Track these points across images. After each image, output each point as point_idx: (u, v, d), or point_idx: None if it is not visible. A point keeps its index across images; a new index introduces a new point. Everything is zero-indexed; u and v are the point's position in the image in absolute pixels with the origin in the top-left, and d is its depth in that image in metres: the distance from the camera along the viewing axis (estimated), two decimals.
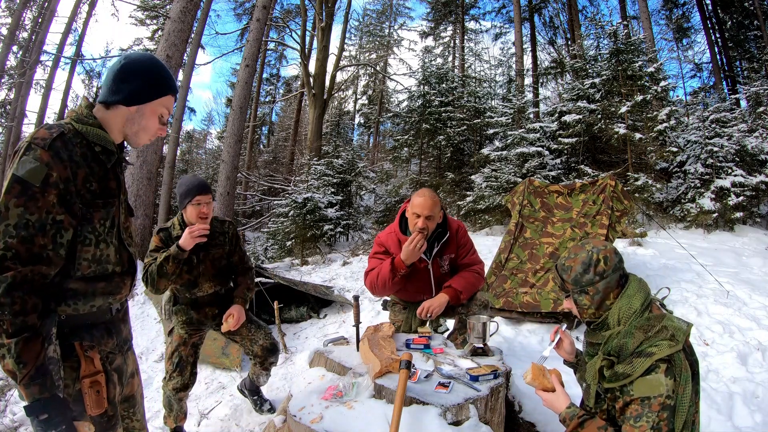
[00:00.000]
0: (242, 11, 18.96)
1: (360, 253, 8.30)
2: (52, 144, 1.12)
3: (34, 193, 1.08)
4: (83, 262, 1.20)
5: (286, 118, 25.13)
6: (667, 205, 7.24)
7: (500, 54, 20.97)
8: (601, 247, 1.47)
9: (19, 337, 1.03)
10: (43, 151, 1.10)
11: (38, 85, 14.37)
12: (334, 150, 11.80)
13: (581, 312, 1.51)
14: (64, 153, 1.13)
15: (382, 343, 1.94)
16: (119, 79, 1.25)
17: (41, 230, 1.08)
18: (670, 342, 1.29)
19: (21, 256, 1.06)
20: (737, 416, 2.32)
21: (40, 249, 1.08)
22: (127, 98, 1.25)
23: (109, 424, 1.26)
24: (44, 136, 1.13)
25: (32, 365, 1.04)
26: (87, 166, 1.18)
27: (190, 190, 2.35)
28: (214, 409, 3.06)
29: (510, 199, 4.67)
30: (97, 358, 1.24)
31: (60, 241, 1.13)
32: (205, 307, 2.51)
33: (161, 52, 7.06)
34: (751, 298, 3.80)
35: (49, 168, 1.10)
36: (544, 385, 1.54)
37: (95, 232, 1.22)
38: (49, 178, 1.10)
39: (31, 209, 1.07)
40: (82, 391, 1.19)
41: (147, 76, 1.27)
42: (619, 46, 8.00)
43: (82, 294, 1.21)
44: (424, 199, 2.33)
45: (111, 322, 1.33)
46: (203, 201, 2.36)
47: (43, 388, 1.05)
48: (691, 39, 16.33)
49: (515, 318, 3.73)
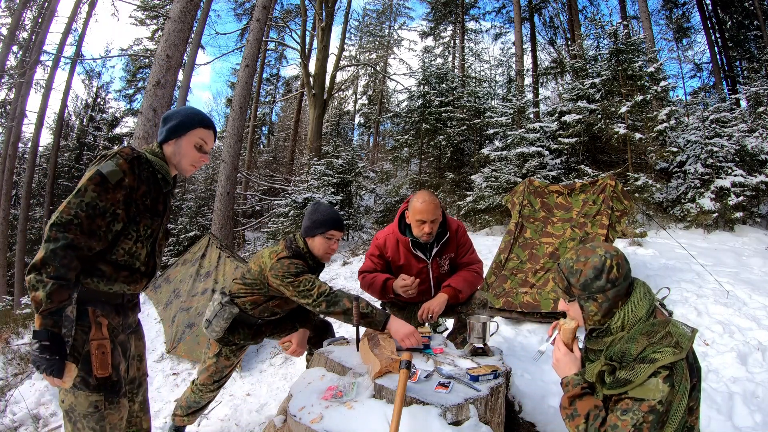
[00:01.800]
0: (242, 11, 18.97)
1: (360, 253, 8.30)
2: (131, 159, 1.51)
3: (107, 187, 1.44)
4: (120, 250, 1.52)
5: (286, 118, 25.13)
6: (667, 205, 7.24)
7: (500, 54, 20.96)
8: (613, 253, 1.41)
9: (57, 281, 1.31)
10: (124, 162, 1.48)
11: (38, 85, 14.39)
12: (334, 150, 11.80)
13: (586, 319, 1.45)
14: (137, 169, 1.52)
15: (382, 343, 1.93)
16: (163, 124, 1.67)
17: (102, 214, 1.43)
18: (674, 349, 1.26)
19: (83, 226, 1.38)
20: (737, 416, 2.32)
21: (97, 228, 1.42)
22: (166, 136, 1.64)
23: (113, 389, 1.48)
24: (128, 152, 1.51)
25: (56, 304, 1.31)
26: (148, 186, 1.56)
27: (326, 221, 2.19)
28: (214, 409, 3.06)
29: (510, 199, 4.67)
30: (105, 325, 1.49)
31: (112, 228, 1.48)
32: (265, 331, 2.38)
33: (161, 52, 7.05)
34: (751, 298, 3.79)
35: (124, 174, 1.47)
36: (568, 338, 1.52)
37: (138, 232, 1.56)
38: (122, 181, 1.47)
39: (102, 197, 1.43)
40: (91, 352, 1.43)
41: (179, 117, 1.65)
42: (619, 46, 8.00)
43: (107, 276, 1.50)
44: (426, 204, 2.29)
45: (121, 305, 1.59)
46: (336, 236, 2.23)
47: (56, 323, 1.32)
48: (691, 39, 16.34)
49: (515, 318, 3.73)
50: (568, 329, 1.53)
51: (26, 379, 3.96)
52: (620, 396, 1.29)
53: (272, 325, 2.43)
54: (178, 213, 13.65)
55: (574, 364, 1.49)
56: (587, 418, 1.33)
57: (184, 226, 12.06)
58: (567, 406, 1.40)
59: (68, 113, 17.35)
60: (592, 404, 1.35)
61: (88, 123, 18.16)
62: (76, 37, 15.03)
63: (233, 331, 2.27)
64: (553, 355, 1.56)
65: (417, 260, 2.47)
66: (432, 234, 2.34)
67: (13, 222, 13.90)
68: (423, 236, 2.35)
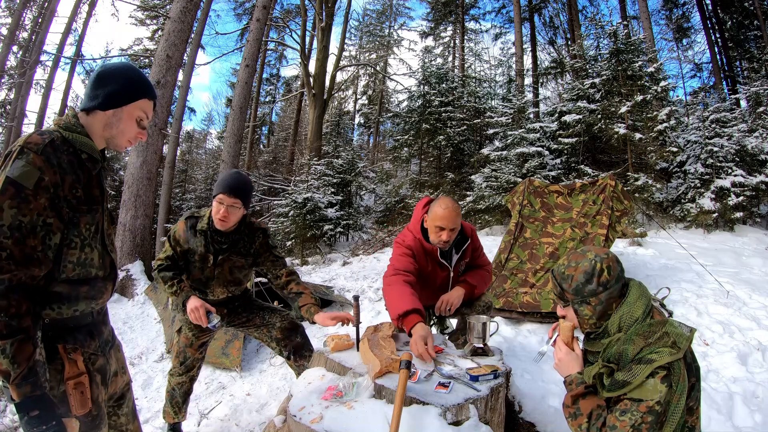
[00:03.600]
0: (242, 11, 18.98)
1: (360, 253, 8.30)
2: (44, 149, 1.15)
3: (27, 196, 1.10)
4: (68, 265, 1.22)
5: (286, 118, 25.13)
6: (667, 205, 7.24)
7: (500, 54, 20.99)
8: (603, 256, 1.42)
9: (14, 339, 1.05)
10: (36, 156, 1.13)
11: (38, 85, 14.39)
12: (334, 150, 11.81)
13: (582, 322, 1.47)
14: (54, 159, 1.16)
15: (382, 343, 1.93)
16: (96, 86, 1.29)
17: (32, 232, 1.11)
18: (671, 349, 1.26)
19: (15, 256, 1.08)
20: (737, 416, 2.32)
21: (31, 250, 1.11)
22: (103, 103, 1.28)
23: (93, 423, 1.29)
24: (37, 141, 1.16)
25: (25, 365, 1.07)
26: (73, 173, 1.21)
27: (218, 184, 2.16)
28: (214, 409, 3.06)
29: (510, 199, 4.68)
30: (80, 359, 1.26)
31: (49, 243, 1.16)
32: (215, 307, 2.31)
33: (161, 52, 7.05)
34: (751, 298, 3.79)
35: (41, 172, 1.13)
36: (568, 337, 1.52)
37: (81, 236, 1.25)
38: (41, 182, 1.13)
39: (23, 211, 1.10)
40: (67, 392, 1.22)
41: (122, 81, 1.30)
42: (619, 46, 8.00)
43: (66, 298, 1.23)
44: (448, 212, 2.21)
45: (93, 324, 1.36)
46: (225, 202, 2.11)
47: (35, 386, 1.08)
48: (691, 39, 16.35)
49: (515, 318, 3.73)
50: (567, 327, 1.53)
51: None
52: (619, 397, 1.30)
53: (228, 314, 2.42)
54: (178, 213, 13.65)
55: (576, 362, 1.49)
56: (590, 417, 1.33)
57: None
58: (570, 405, 1.40)
59: None
60: (594, 404, 1.35)
61: None
62: (76, 37, 15.08)
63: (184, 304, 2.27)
64: (555, 355, 1.56)
65: (441, 268, 2.44)
66: (449, 242, 2.28)
67: None
68: (440, 243, 2.28)
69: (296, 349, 2.37)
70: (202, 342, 2.44)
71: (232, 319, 2.43)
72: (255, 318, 2.42)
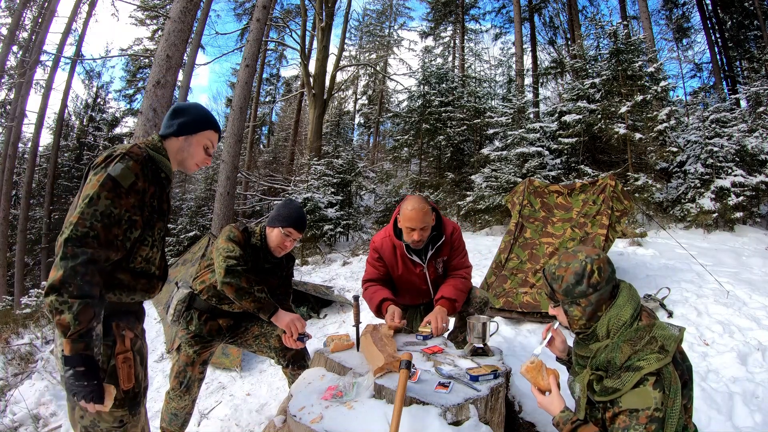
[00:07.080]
0: (242, 11, 18.99)
1: (360, 253, 8.30)
2: (142, 160, 1.42)
3: (121, 193, 1.35)
4: (138, 258, 1.46)
5: (286, 118, 25.14)
6: (667, 205, 7.24)
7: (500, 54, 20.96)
8: (594, 257, 1.41)
9: (82, 300, 1.23)
10: (135, 163, 1.39)
11: (38, 85, 14.40)
12: (334, 150, 11.81)
13: (571, 323, 1.47)
14: (147, 170, 1.43)
15: (385, 340, 1.94)
16: (172, 117, 1.60)
17: (118, 223, 1.35)
18: (659, 355, 1.26)
19: (100, 238, 1.30)
20: (737, 416, 2.32)
21: (114, 237, 1.34)
22: (177, 130, 1.58)
23: (134, 402, 1.45)
24: (137, 152, 1.42)
25: (85, 325, 1.23)
26: (156, 186, 1.48)
27: (287, 218, 2.25)
28: (214, 409, 3.06)
29: (510, 199, 4.68)
30: (129, 338, 1.46)
31: (129, 236, 1.40)
32: (220, 318, 2.32)
33: (161, 52, 7.05)
34: (751, 298, 3.79)
35: (136, 177, 1.39)
36: (537, 381, 1.50)
37: (153, 237, 1.50)
38: (134, 185, 1.38)
39: (116, 204, 1.34)
40: (117, 366, 1.40)
41: (193, 114, 1.61)
42: (619, 46, 8.00)
43: (126, 286, 1.45)
44: (415, 212, 2.24)
45: (139, 312, 1.59)
46: (294, 236, 2.26)
47: (87, 347, 1.24)
48: (691, 39, 16.35)
49: (515, 318, 3.73)
50: (533, 368, 1.51)
51: (26, 379, 3.97)
52: (613, 401, 1.29)
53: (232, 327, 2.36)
54: (178, 213, 13.64)
55: (556, 402, 1.47)
56: None
57: (184, 226, 12.05)
58: None
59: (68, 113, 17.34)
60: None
61: (88, 123, 18.15)
62: (76, 37, 15.07)
63: (186, 316, 2.28)
64: (536, 398, 1.53)
65: (413, 264, 2.46)
66: (422, 241, 2.32)
67: (13, 222, 13.90)
68: (412, 243, 2.34)
69: (295, 358, 2.36)
70: (203, 360, 2.37)
71: (233, 330, 2.39)
72: (253, 327, 2.40)
